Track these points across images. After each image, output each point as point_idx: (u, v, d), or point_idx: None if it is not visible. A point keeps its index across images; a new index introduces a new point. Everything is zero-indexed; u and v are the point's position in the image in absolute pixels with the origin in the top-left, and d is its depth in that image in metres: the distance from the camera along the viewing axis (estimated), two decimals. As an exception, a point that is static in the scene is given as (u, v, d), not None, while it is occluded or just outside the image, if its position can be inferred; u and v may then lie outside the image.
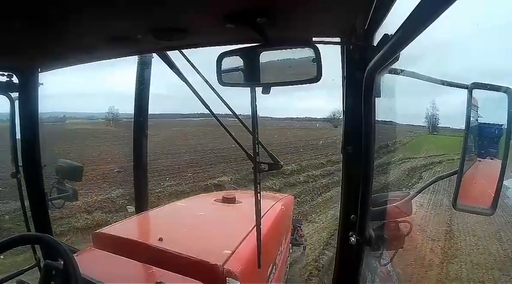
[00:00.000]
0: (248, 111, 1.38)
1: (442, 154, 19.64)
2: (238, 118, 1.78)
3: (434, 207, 9.71)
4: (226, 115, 1.94)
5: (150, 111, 2.75)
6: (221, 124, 1.86)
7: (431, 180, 1.63)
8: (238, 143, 1.84)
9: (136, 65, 2.55)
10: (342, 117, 1.34)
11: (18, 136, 1.97)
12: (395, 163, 15.84)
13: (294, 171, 13.58)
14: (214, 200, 2.94)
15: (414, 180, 14.23)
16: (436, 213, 9.40)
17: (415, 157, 18.89)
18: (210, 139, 18.98)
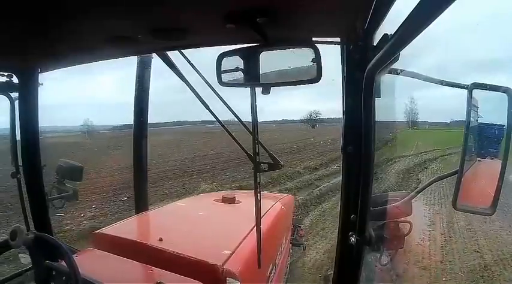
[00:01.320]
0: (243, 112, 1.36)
1: (433, 150, 18.12)
2: (238, 118, 1.78)
3: (451, 220, 7.94)
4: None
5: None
6: (221, 124, 1.86)
7: (431, 179, 1.62)
8: (238, 143, 1.85)
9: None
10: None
11: (18, 136, 1.98)
12: (384, 164, 13.27)
13: (262, 184, 10.60)
14: (214, 200, 2.94)
15: (413, 184, 11.79)
16: (455, 230, 7.61)
17: (405, 156, 16.75)
18: (174, 149, 17.48)
